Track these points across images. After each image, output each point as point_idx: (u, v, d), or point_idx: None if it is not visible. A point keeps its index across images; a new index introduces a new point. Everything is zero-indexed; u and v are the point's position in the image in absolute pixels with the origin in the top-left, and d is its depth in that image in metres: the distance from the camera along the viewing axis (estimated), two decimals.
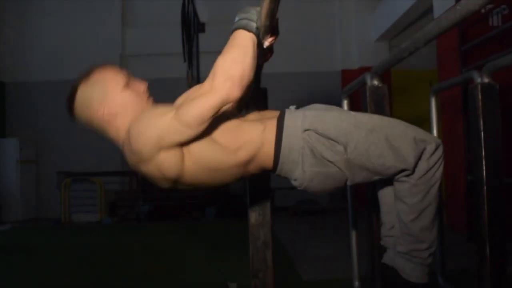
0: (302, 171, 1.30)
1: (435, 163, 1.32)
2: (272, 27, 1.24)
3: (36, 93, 6.30)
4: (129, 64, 6.38)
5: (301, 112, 1.34)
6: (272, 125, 1.31)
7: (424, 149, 1.31)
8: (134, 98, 1.33)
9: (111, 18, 6.40)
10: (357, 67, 6.19)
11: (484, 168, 1.97)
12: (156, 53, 6.19)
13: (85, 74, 1.35)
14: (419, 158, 1.30)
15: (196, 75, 4.15)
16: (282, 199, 5.88)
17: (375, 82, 1.68)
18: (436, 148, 1.32)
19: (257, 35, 1.20)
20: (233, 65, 1.15)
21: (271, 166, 1.32)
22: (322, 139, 1.28)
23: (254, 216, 1.85)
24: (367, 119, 1.34)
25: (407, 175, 1.31)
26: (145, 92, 1.38)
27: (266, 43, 1.29)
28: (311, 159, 1.29)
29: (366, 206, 1.75)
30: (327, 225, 5.15)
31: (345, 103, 2.03)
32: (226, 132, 1.27)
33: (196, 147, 1.22)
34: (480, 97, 1.96)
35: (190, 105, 1.16)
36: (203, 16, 4.53)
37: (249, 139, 1.28)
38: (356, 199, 2.10)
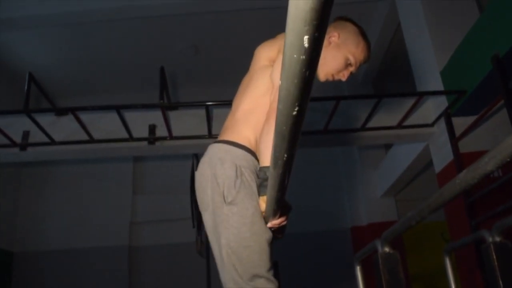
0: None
1: None
2: (280, 209, 1.29)
3: (44, 263, 6.21)
4: (139, 230, 6.42)
5: None
6: None
7: None
8: None
9: (122, 187, 6.60)
10: (366, 224, 6.19)
11: None
12: (166, 219, 6.27)
13: None
14: None
15: (205, 240, 4.15)
16: None
17: (386, 249, 1.68)
18: None
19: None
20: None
21: None
22: None
23: None
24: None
25: None
26: None
27: (269, 225, 1.33)
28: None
29: None
30: None
31: (358, 270, 1.99)
32: None
33: None
34: (494, 256, 1.94)
35: None
36: None
37: None
38: None
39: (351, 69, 1.76)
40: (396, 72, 6.13)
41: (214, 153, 1.58)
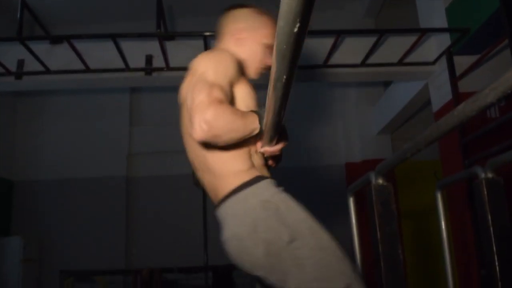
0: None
1: None
2: (277, 135, 1.28)
3: (43, 191, 6.32)
4: (136, 162, 6.49)
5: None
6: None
7: None
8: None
9: (119, 118, 6.59)
10: (361, 160, 6.25)
11: (496, 263, 1.93)
12: (162, 151, 6.31)
13: None
14: None
15: None
16: None
17: (380, 181, 1.70)
18: None
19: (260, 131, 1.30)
20: (221, 122, 1.23)
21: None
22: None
23: None
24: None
25: None
26: None
27: (268, 150, 1.33)
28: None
29: None
30: None
31: (351, 201, 2.03)
32: None
33: None
34: (485, 192, 1.97)
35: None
36: None
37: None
38: None
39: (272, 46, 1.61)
40: (400, 7, 5.95)
41: (234, 216, 1.40)
